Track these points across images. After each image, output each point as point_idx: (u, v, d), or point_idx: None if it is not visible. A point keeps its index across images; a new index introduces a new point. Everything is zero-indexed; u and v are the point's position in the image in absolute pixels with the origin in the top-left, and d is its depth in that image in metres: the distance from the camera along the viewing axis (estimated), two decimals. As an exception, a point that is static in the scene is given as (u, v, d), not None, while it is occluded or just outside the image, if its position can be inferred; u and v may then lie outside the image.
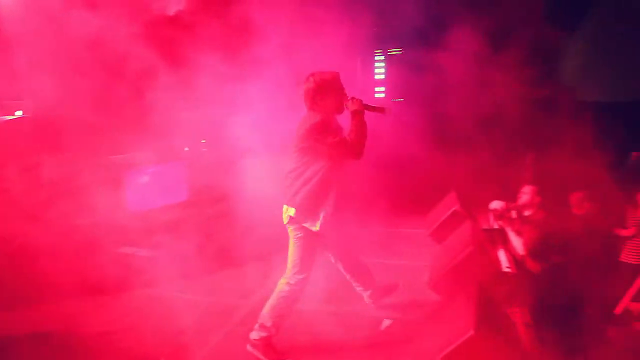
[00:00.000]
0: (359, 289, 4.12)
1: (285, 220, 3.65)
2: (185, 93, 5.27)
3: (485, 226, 4.96)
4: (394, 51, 7.41)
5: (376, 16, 7.21)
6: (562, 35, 7.69)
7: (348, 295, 3.95)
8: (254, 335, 3.65)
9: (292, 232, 3.65)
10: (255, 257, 5.30)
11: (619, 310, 5.08)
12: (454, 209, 4.56)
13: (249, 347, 3.65)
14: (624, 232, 5.11)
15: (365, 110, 3.52)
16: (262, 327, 3.63)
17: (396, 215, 5.00)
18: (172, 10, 5.18)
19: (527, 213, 4.34)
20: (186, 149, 6.24)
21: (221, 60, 5.04)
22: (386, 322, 3.98)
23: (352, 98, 3.55)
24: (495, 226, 4.80)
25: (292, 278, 3.62)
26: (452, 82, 5.74)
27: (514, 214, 4.31)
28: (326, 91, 3.50)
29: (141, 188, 5.62)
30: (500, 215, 4.26)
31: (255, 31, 5.27)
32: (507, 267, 4.21)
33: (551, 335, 3.75)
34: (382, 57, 7.50)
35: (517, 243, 4.13)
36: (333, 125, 3.54)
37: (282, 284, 3.66)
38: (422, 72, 6.07)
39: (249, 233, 5.17)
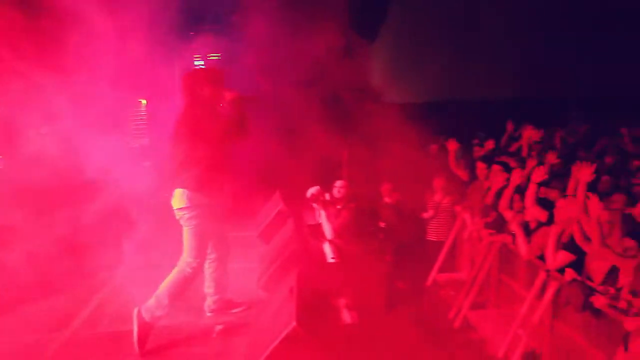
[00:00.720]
0: (209, 290, 4.15)
1: (184, 204, 3.74)
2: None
3: (310, 222, 5.24)
4: (213, 56, 7.39)
5: (193, 21, 7.10)
6: (369, 42, 8.54)
7: (177, 306, 3.86)
8: (147, 309, 3.69)
9: (186, 218, 3.75)
10: (71, 282, 4.81)
11: (429, 282, 5.84)
12: (278, 208, 4.72)
13: (135, 311, 3.68)
14: (425, 215, 5.90)
15: (241, 100, 3.86)
16: (159, 304, 3.69)
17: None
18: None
19: (339, 206, 4.70)
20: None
21: (23, 66, 4.48)
22: (218, 327, 3.95)
23: (229, 89, 3.85)
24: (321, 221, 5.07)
25: (191, 263, 3.77)
26: (266, 85, 5.94)
27: (327, 196, 4.66)
28: (203, 84, 3.78)
29: None
30: (316, 197, 4.60)
31: (63, 35, 4.80)
32: (332, 258, 4.51)
33: (372, 313, 4.14)
34: (202, 62, 7.43)
35: (327, 228, 4.45)
36: (212, 112, 3.81)
37: (180, 267, 3.78)
38: (239, 76, 6.15)
39: (62, 256, 4.66)
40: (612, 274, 3.83)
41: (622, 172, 5.33)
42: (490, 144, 7.00)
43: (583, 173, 4.10)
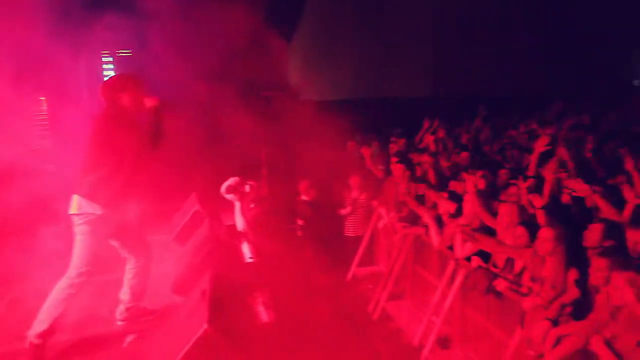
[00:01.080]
0: (124, 297, 4.00)
1: (76, 211, 3.61)
2: None
3: (229, 222, 5.14)
4: (123, 52, 7.03)
5: (100, 14, 6.73)
6: (286, 40, 8.55)
7: (82, 321, 3.66)
8: (32, 332, 3.56)
9: (80, 225, 3.63)
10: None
11: (348, 277, 5.96)
12: (194, 209, 4.59)
13: (27, 343, 3.57)
14: (343, 211, 6.01)
15: (163, 107, 3.81)
16: (40, 320, 3.54)
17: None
18: None
19: (252, 205, 4.65)
20: None
21: None
22: (130, 337, 3.78)
23: (150, 96, 3.79)
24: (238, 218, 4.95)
25: (73, 271, 3.63)
26: (183, 83, 5.77)
27: (247, 188, 4.54)
28: (122, 90, 3.71)
29: None
30: (234, 188, 4.46)
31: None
32: (251, 258, 4.46)
33: (291, 310, 4.15)
34: (111, 59, 7.05)
35: (240, 221, 4.39)
36: (130, 121, 3.71)
37: (61, 280, 3.65)
38: (153, 74, 5.92)
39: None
40: (512, 259, 4.12)
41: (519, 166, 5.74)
42: (404, 141, 7.27)
43: (471, 180, 4.40)
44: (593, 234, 3.70)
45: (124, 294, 3.99)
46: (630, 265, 3.11)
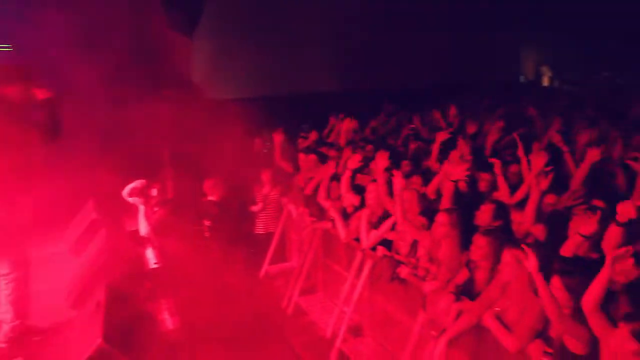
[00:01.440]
0: (5, 316, 3.64)
1: None
2: None
3: (132, 227, 4.87)
4: (4, 47, 6.39)
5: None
6: (187, 39, 8.28)
7: None
8: None
9: None
10: None
11: (261, 274, 5.93)
12: (90, 218, 4.29)
13: None
14: (255, 208, 5.94)
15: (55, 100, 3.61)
16: None
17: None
18: None
19: (156, 208, 4.46)
20: None
21: None
22: (17, 360, 3.47)
23: (42, 89, 3.58)
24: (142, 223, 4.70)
25: None
26: (77, 81, 5.38)
27: (154, 192, 4.31)
28: (6, 81, 3.46)
29: None
30: (139, 191, 4.18)
31: None
32: (155, 263, 4.26)
33: (200, 314, 4.03)
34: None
35: (143, 226, 4.20)
36: (17, 115, 3.47)
37: None
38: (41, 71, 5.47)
39: None
40: (414, 246, 4.30)
41: (421, 156, 6.00)
42: (313, 136, 7.33)
43: (379, 161, 4.54)
44: (484, 214, 3.95)
45: (5, 313, 3.63)
46: (516, 244, 3.37)
